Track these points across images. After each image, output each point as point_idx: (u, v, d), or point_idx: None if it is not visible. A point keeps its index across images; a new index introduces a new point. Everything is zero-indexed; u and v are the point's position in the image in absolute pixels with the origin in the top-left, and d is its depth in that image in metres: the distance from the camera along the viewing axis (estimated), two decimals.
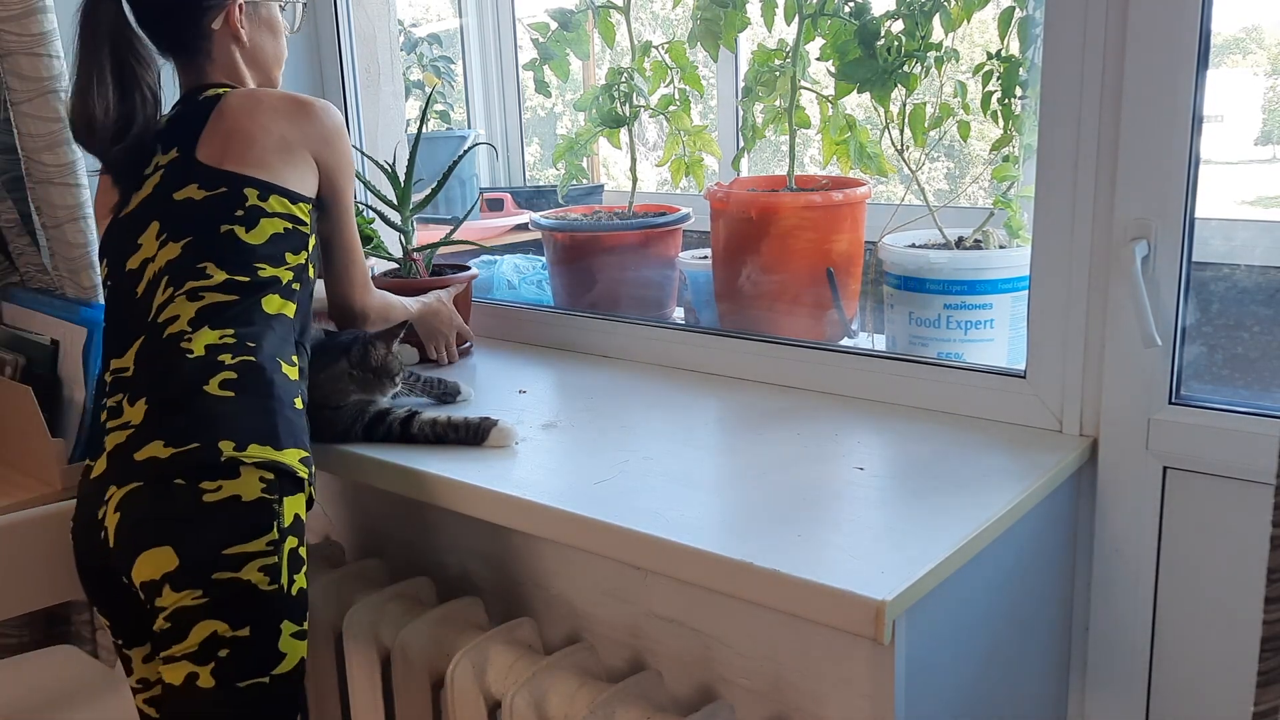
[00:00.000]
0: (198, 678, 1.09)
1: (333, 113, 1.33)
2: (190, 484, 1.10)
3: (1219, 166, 1.49)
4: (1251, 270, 1.59)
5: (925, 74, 1.56)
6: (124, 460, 1.13)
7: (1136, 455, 1.22)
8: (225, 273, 1.20)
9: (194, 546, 1.09)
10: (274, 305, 1.22)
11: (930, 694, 1.04)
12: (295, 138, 1.28)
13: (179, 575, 1.08)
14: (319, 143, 1.30)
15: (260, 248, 1.22)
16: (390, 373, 1.40)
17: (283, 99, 1.30)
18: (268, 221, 1.23)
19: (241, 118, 1.26)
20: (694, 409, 1.46)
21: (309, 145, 1.29)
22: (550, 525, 1.17)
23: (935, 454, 1.24)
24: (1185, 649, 1.24)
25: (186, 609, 1.08)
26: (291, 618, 1.13)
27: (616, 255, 1.88)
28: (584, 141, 1.92)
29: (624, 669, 1.30)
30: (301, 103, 1.31)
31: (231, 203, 1.22)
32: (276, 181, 1.25)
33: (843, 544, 1.03)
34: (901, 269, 1.59)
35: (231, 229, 1.21)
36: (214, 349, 1.16)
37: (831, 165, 1.73)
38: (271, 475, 1.13)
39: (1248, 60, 1.73)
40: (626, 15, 1.83)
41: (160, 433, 1.13)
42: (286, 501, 1.14)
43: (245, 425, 1.14)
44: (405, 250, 1.76)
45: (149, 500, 1.11)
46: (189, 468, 1.10)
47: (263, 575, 1.10)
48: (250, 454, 1.12)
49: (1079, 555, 1.29)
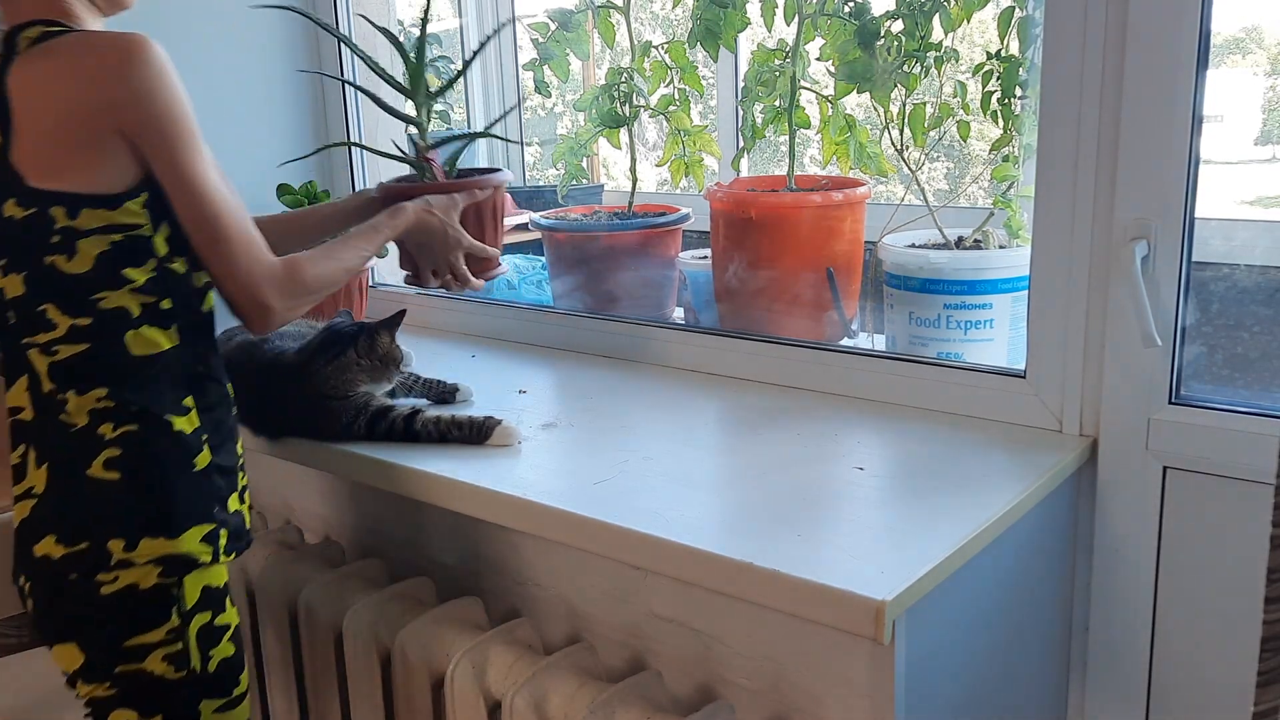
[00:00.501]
0: None
1: (146, 56, 0.98)
2: (85, 578, 1.05)
3: (1219, 166, 1.49)
4: (1251, 270, 1.59)
5: (925, 74, 1.56)
6: (26, 548, 1.08)
7: (1136, 455, 1.22)
8: (67, 316, 1.02)
9: (95, 642, 1.06)
10: (141, 343, 1.04)
11: (930, 694, 1.04)
12: (97, 112, 0.97)
13: (86, 670, 1.07)
14: (130, 106, 0.98)
15: (87, 277, 1.01)
16: (396, 360, 1.41)
17: (74, 56, 0.98)
18: (86, 243, 1.00)
19: (26, 100, 0.97)
20: (694, 409, 1.46)
21: (116, 115, 0.98)
22: (550, 525, 1.17)
23: (935, 454, 1.24)
24: (1185, 649, 1.24)
25: (99, 700, 1.08)
26: (212, 694, 1.10)
27: (616, 255, 1.88)
28: (584, 141, 1.92)
29: (624, 669, 1.30)
30: (99, 55, 0.98)
31: (44, 227, 0.99)
32: (80, 189, 0.99)
33: (843, 544, 1.03)
34: (901, 269, 1.59)
35: (52, 260, 1.00)
36: (95, 416, 1.03)
37: (831, 165, 1.73)
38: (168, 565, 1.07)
39: (1248, 60, 1.73)
40: (626, 15, 1.83)
41: (54, 525, 1.05)
42: (188, 581, 1.07)
43: (134, 516, 1.05)
44: (417, 148, 1.42)
45: (49, 597, 1.07)
46: (82, 566, 1.05)
47: (167, 665, 1.07)
48: (141, 553, 1.04)
49: (1079, 555, 1.29)
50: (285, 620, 1.49)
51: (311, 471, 1.60)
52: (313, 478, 1.66)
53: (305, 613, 1.45)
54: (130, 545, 1.04)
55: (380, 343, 1.39)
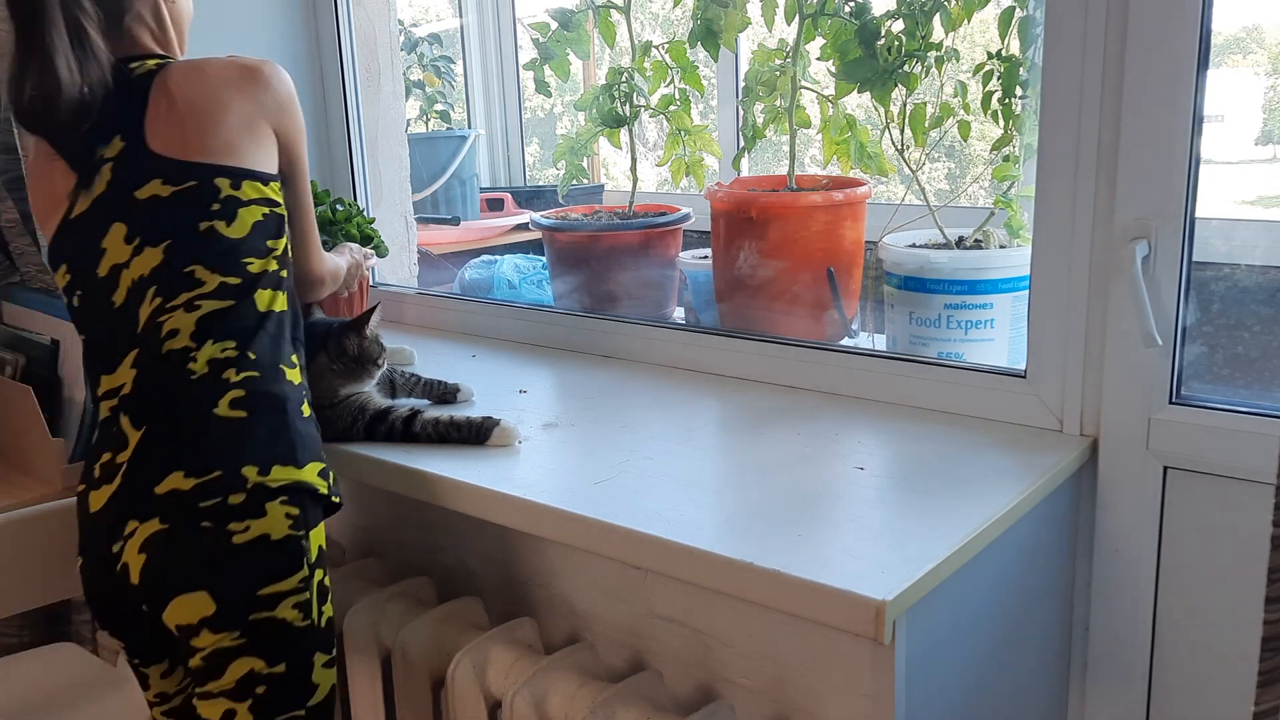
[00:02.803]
0: (235, 714, 1.10)
1: (283, 76, 1.25)
2: (218, 526, 1.08)
3: (1219, 166, 1.49)
4: (1252, 270, 1.59)
5: (925, 74, 1.56)
6: (142, 492, 1.10)
7: (1137, 455, 1.22)
8: (217, 275, 1.14)
9: (229, 590, 1.08)
10: (264, 300, 1.17)
11: (930, 694, 1.04)
12: (252, 110, 1.19)
13: (217, 619, 1.08)
14: (276, 112, 1.22)
15: (243, 242, 1.16)
16: (371, 357, 1.40)
17: (229, 68, 1.20)
18: (245, 211, 1.17)
19: (193, 96, 1.16)
20: (694, 409, 1.46)
21: (266, 116, 1.21)
22: (551, 525, 1.17)
23: (935, 454, 1.24)
24: (1185, 649, 1.24)
25: (224, 649, 1.09)
26: (322, 649, 1.15)
27: (616, 255, 1.88)
28: (584, 141, 1.92)
29: (624, 669, 1.30)
30: (249, 69, 1.21)
31: (205, 197, 1.15)
32: (246, 165, 1.17)
33: (843, 544, 1.03)
34: (902, 269, 1.59)
35: (211, 225, 1.15)
36: (217, 364, 1.13)
37: (832, 165, 1.73)
38: (297, 510, 1.12)
39: (1248, 60, 1.73)
40: (626, 15, 1.83)
41: (178, 462, 1.10)
42: (312, 535, 1.14)
43: (263, 447, 1.12)
44: None
45: (177, 545, 1.09)
46: (215, 507, 1.08)
47: (296, 612, 1.11)
48: (275, 477, 1.11)
49: (1079, 555, 1.29)
50: None
51: None
52: None
53: None
54: (263, 471, 1.10)
55: (349, 344, 1.38)
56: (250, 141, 1.18)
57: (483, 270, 2.21)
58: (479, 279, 2.19)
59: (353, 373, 1.38)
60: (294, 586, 1.11)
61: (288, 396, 1.16)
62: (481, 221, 2.74)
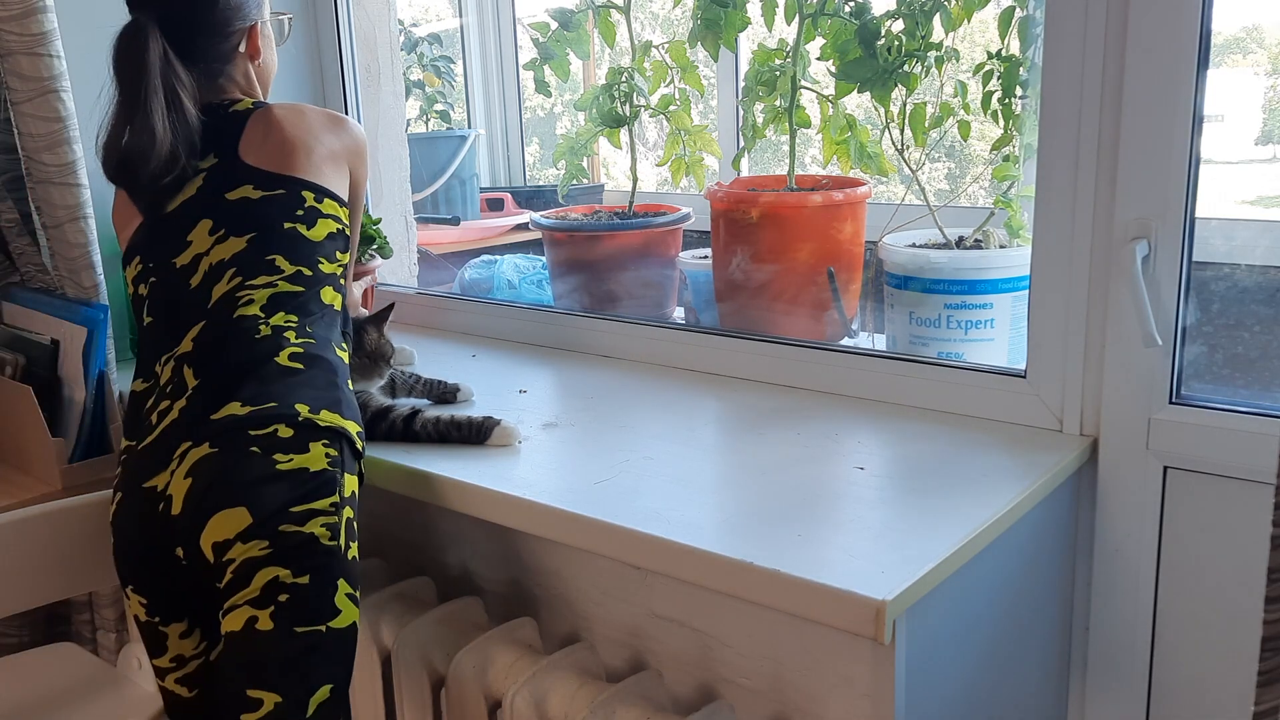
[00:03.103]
0: (257, 621, 1.13)
1: (360, 129, 1.47)
2: (265, 454, 1.15)
3: (1219, 166, 1.49)
4: (1252, 270, 1.59)
5: (925, 74, 1.56)
6: (198, 420, 1.18)
7: (1137, 455, 1.22)
8: (294, 265, 1.28)
9: (265, 503, 1.14)
10: (329, 297, 1.32)
11: (930, 694, 1.04)
12: (338, 149, 1.40)
13: (249, 530, 1.13)
14: (354, 155, 1.43)
15: (319, 245, 1.32)
16: (385, 356, 1.45)
17: (323, 115, 1.42)
18: (323, 222, 1.33)
19: (293, 128, 1.37)
20: (694, 409, 1.46)
21: (347, 156, 1.42)
22: (551, 525, 1.17)
23: (935, 454, 1.24)
24: (1185, 649, 1.24)
25: (253, 559, 1.13)
26: (346, 578, 1.17)
27: (616, 255, 1.88)
28: (584, 141, 1.92)
29: (624, 669, 1.30)
30: (338, 119, 1.44)
31: (291, 203, 1.32)
32: (328, 186, 1.36)
33: (843, 544, 1.03)
34: (902, 269, 1.59)
35: (294, 227, 1.30)
36: (279, 328, 1.25)
37: (832, 165, 1.73)
38: (335, 451, 1.19)
39: (1248, 60, 1.73)
40: (626, 15, 1.83)
41: (238, 393, 1.19)
42: (346, 477, 1.20)
43: (315, 394, 1.21)
44: None
45: (224, 465, 1.15)
46: (265, 436, 1.16)
47: (325, 530, 1.15)
48: (322, 419, 1.19)
49: (1079, 555, 1.29)
50: None
51: None
52: None
53: None
54: (314, 410, 1.19)
55: (368, 339, 1.44)
56: (334, 171, 1.38)
57: (483, 270, 2.21)
58: (479, 279, 2.20)
59: (367, 368, 1.43)
60: (325, 508, 1.16)
61: (338, 366, 1.28)
62: (481, 221, 2.74)
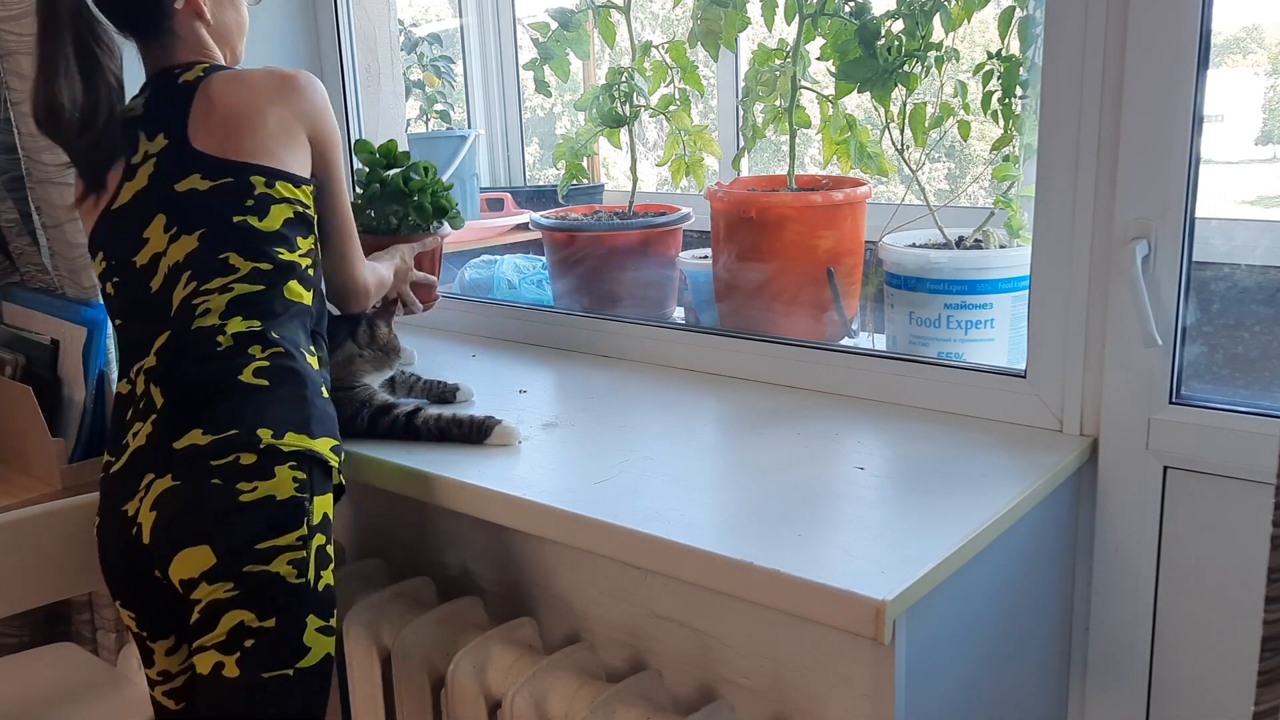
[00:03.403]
0: (224, 667, 1.11)
1: (318, 86, 1.32)
2: (227, 484, 1.11)
3: (1219, 166, 1.49)
4: (1252, 270, 1.59)
5: (925, 74, 1.56)
6: (161, 448, 1.14)
7: (1136, 455, 1.22)
8: (249, 261, 1.21)
9: (229, 542, 1.10)
10: (294, 292, 1.24)
11: (930, 694, 1.04)
12: (289, 117, 1.26)
13: (214, 571, 1.10)
14: (311, 119, 1.29)
15: (275, 235, 1.23)
16: (395, 348, 1.46)
17: (268, 77, 1.28)
18: (277, 208, 1.24)
19: (233, 102, 1.25)
20: (694, 409, 1.46)
21: (302, 122, 1.28)
22: (551, 525, 1.17)
23: (935, 454, 1.24)
24: (1185, 649, 1.24)
25: (218, 601, 1.11)
26: (317, 612, 1.15)
27: (616, 255, 1.88)
28: (584, 141, 1.92)
29: (624, 669, 1.30)
30: (287, 78, 1.29)
31: (240, 192, 1.22)
32: (280, 167, 1.24)
33: (843, 544, 1.03)
34: (902, 269, 1.59)
35: (245, 219, 1.22)
36: (242, 338, 1.18)
37: (832, 165, 1.73)
38: (304, 474, 1.14)
39: (1248, 60, 1.73)
40: (626, 15, 1.83)
41: (199, 420, 1.14)
42: (317, 500, 1.16)
43: (281, 414, 1.16)
44: None
45: (186, 500, 1.12)
46: (227, 465, 1.11)
47: (290, 568, 1.12)
48: (287, 442, 1.14)
49: (1079, 555, 1.29)
50: None
51: None
52: None
53: None
54: (278, 435, 1.14)
55: (380, 333, 1.44)
56: (285, 146, 1.26)
57: (483, 270, 2.21)
58: (479, 279, 2.19)
59: (379, 360, 1.44)
60: (291, 543, 1.12)
61: (308, 375, 1.21)
62: (481, 221, 2.74)
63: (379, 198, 1.62)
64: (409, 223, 1.63)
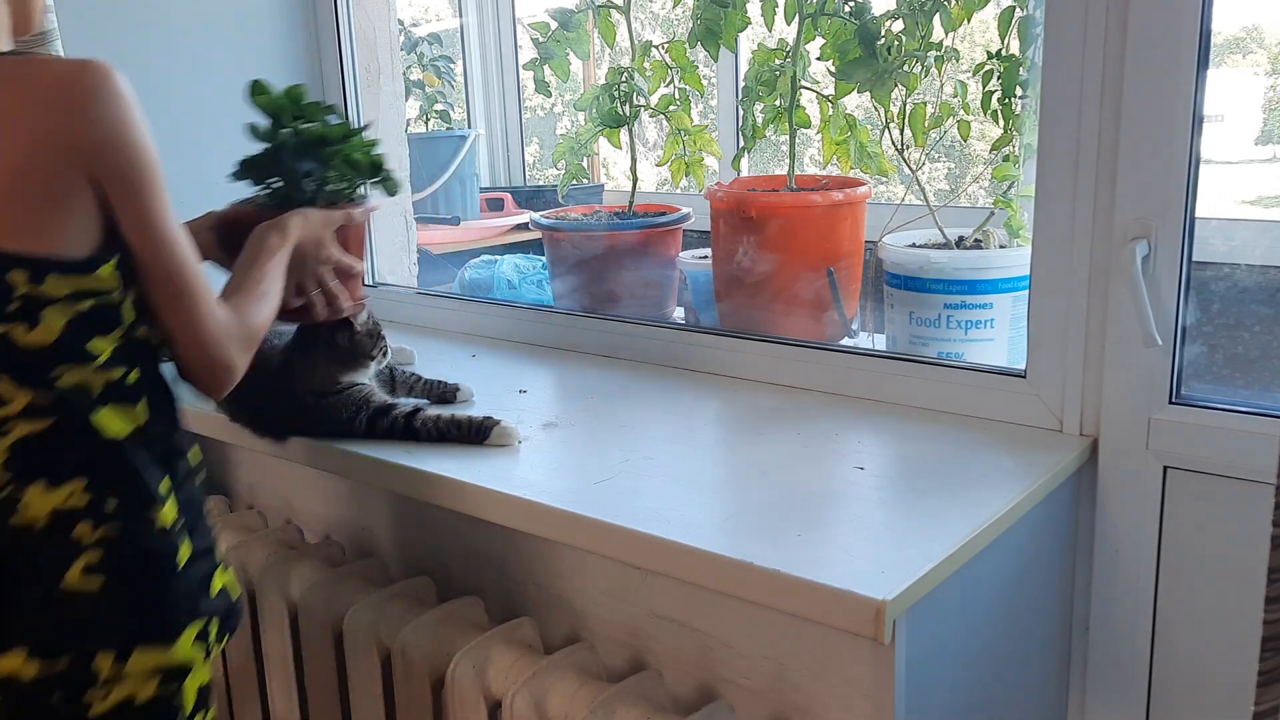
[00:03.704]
0: None
1: (114, 84, 0.86)
2: (73, 700, 0.90)
3: (1219, 166, 1.49)
4: (1252, 270, 1.59)
5: (925, 74, 1.56)
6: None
7: (1137, 455, 1.22)
8: (24, 391, 0.88)
9: None
10: (113, 424, 0.91)
11: (930, 694, 1.04)
12: (49, 162, 0.84)
13: None
14: (91, 152, 0.86)
15: (53, 349, 0.88)
16: (365, 350, 1.37)
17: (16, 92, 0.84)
18: (53, 311, 0.87)
19: None
20: (694, 409, 1.46)
21: (79, 164, 0.86)
22: (551, 525, 1.17)
23: (935, 454, 1.24)
24: (1185, 649, 1.24)
25: None
26: None
27: (616, 255, 1.88)
28: (584, 141, 1.92)
29: (624, 669, 1.30)
30: (52, 88, 0.84)
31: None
32: (47, 252, 0.86)
33: (843, 544, 1.03)
34: (902, 269, 1.59)
35: (7, 332, 0.87)
36: (63, 517, 0.89)
37: (831, 165, 1.73)
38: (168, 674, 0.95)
39: (1248, 60, 1.73)
40: (626, 15, 1.83)
41: (19, 637, 0.90)
42: (187, 686, 0.95)
43: (123, 624, 0.92)
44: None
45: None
46: (66, 690, 0.90)
47: None
48: (134, 665, 0.91)
49: (1079, 555, 1.29)
50: (285, 619, 1.49)
51: (312, 471, 1.60)
52: (313, 477, 1.66)
53: (305, 612, 1.45)
54: (122, 657, 0.91)
55: (341, 338, 1.35)
56: (59, 210, 0.85)
57: (483, 270, 2.21)
58: (479, 279, 2.20)
59: (351, 362, 1.37)
60: None
61: (157, 550, 0.93)
62: (481, 221, 2.74)
63: (286, 150, 1.20)
64: (326, 189, 1.23)
